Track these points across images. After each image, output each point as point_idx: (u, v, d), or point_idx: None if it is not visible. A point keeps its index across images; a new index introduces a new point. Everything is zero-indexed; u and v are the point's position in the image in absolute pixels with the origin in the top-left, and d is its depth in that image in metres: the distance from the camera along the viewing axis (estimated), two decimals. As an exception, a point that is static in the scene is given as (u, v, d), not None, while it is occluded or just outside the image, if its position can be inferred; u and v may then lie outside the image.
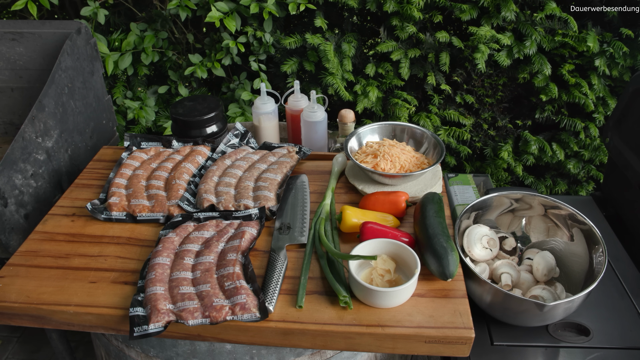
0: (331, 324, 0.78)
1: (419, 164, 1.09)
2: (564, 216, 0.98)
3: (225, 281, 0.82)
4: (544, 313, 0.83)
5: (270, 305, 0.79)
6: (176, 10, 1.65)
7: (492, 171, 1.81)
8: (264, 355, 0.89)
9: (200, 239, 0.93)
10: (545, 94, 1.64)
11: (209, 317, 0.77)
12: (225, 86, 1.90)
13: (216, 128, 1.25)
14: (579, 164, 1.77)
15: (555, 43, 1.59)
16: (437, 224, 0.89)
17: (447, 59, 1.62)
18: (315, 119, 1.25)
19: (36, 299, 0.83)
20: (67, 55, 1.27)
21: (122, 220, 1.01)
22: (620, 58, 1.56)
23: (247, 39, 1.73)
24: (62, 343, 1.30)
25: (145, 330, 0.76)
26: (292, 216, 1.01)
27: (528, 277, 0.95)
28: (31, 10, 1.49)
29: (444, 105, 1.76)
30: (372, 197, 1.01)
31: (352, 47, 1.66)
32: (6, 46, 1.38)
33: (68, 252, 0.93)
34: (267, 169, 1.10)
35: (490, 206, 1.03)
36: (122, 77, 1.93)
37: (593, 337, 0.90)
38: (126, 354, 0.97)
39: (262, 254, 0.93)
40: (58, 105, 1.23)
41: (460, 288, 0.85)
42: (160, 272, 0.84)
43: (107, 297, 0.84)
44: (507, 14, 1.54)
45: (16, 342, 1.81)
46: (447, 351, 0.78)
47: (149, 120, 1.82)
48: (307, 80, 1.83)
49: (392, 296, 0.79)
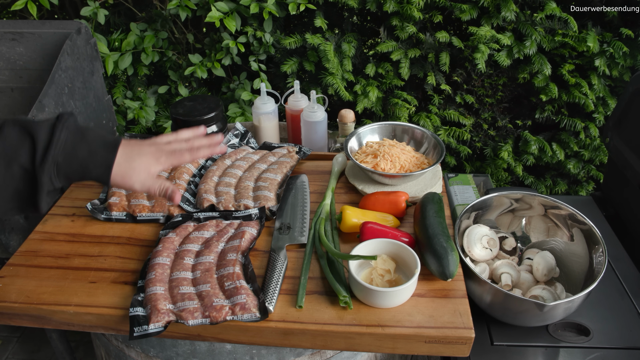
0: (331, 324, 0.78)
1: (419, 164, 1.09)
2: (564, 216, 0.98)
3: (225, 281, 0.82)
4: (544, 313, 0.83)
5: (270, 305, 0.80)
6: (176, 10, 1.65)
7: (492, 171, 1.81)
8: (264, 355, 0.89)
9: (200, 239, 0.93)
10: (545, 94, 1.64)
11: (209, 317, 0.77)
12: (225, 86, 1.90)
13: (216, 128, 1.25)
14: (579, 164, 1.77)
15: (555, 43, 1.59)
16: (437, 224, 0.89)
17: (447, 59, 1.62)
18: (315, 119, 1.25)
19: (36, 299, 0.83)
20: (67, 55, 1.27)
21: (122, 220, 1.01)
22: (620, 58, 1.56)
23: (247, 39, 1.73)
24: (62, 343, 1.30)
25: (145, 330, 0.76)
26: (292, 216, 1.01)
27: (528, 277, 0.95)
28: (31, 10, 1.49)
29: (444, 105, 1.76)
30: (372, 197, 1.01)
31: (352, 47, 1.66)
32: (6, 46, 1.38)
33: (68, 252, 0.94)
34: (267, 169, 1.10)
35: (490, 206, 1.03)
36: (122, 77, 1.93)
37: (593, 337, 0.90)
38: (126, 354, 0.97)
39: (262, 254, 0.93)
40: (58, 105, 1.23)
41: (460, 288, 0.85)
42: (160, 272, 0.84)
43: (107, 297, 0.84)
44: (507, 14, 1.54)
45: (16, 342, 1.81)
46: (447, 351, 0.78)
47: (149, 120, 1.82)
48: (307, 80, 1.83)
49: (392, 296, 0.79)
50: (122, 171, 0.79)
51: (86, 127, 0.79)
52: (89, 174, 0.77)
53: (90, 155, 0.76)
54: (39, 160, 0.72)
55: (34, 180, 0.73)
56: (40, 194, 0.74)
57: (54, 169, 0.73)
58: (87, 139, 0.77)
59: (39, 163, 0.72)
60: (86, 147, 0.76)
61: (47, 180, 0.73)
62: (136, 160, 0.80)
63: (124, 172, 0.79)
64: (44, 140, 0.73)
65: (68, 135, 0.75)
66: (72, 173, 0.76)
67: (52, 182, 0.74)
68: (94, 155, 0.77)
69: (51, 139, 0.73)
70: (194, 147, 0.86)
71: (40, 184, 0.73)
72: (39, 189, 0.74)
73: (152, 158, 0.82)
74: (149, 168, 0.82)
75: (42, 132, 0.73)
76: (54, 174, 0.74)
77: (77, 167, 0.75)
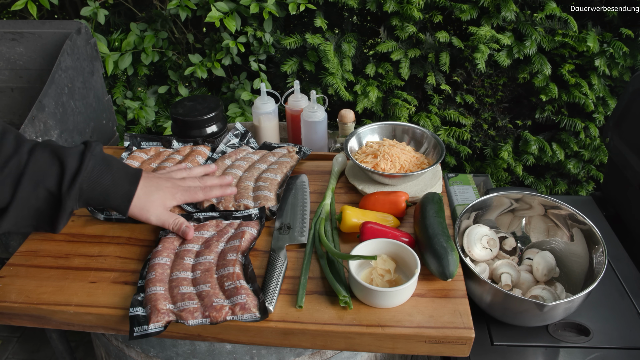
0: (331, 324, 0.78)
1: (419, 164, 1.09)
2: (564, 216, 0.98)
3: (225, 281, 0.82)
4: (544, 313, 0.83)
5: (270, 305, 0.80)
6: (176, 10, 1.65)
7: (492, 171, 1.81)
8: (264, 355, 0.89)
9: (200, 239, 0.93)
10: (545, 94, 1.64)
11: (209, 317, 0.77)
12: (225, 86, 1.90)
13: (216, 128, 1.25)
14: (579, 164, 1.77)
15: (555, 43, 1.59)
16: (437, 224, 0.89)
17: (447, 59, 1.62)
18: (315, 119, 1.25)
19: (36, 299, 0.83)
20: (67, 55, 1.27)
21: (122, 220, 1.01)
22: (620, 58, 1.56)
23: (247, 39, 1.73)
24: (62, 343, 1.30)
25: (145, 330, 0.76)
26: (292, 216, 1.01)
27: (528, 277, 0.95)
28: (31, 10, 1.49)
29: (444, 105, 1.76)
30: (372, 197, 1.01)
31: (352, 47, 1.66)
32: (6, 46, 1.38)
33: (68, 252, 0.94)
34: (267, 169, 1.10)
35: (490, 206, 1.03)
36: (122, 77, 1.93)
37: (593, 337, 0.90)
38: (126, 354, 0.97)
39: (262, 254, 0.93)
40: (58, 105, 1.23)
41: (460, 288, 0.85)
42: (160, 272, 0.84)
43: (107, 297, 0.84)
44: (507, 14, 1.54)
45: (16, 342, 1.81)
46: (447, 351, 0.78)
47: (149, 120, 1.82)
48: (307, 80, 1.83)
49: (392, 296, 0.79)
50: (141, 204, 0.83)
51: (111, 157, 0.83)
52: (109, 203, 0.82)
53: (113, 185, 0.81)
54: (66, 186, 0.76)
55: (58, 203, 0.77)
56: (61, 216, 0.78)
57: (78, 195, 0.78)
58: (112, 168, 0.81)
59: (66, 188, 0.76)
60: (110, 177, 0.80)
61: (70, 205, 0.78)
62: (154, 194, 0.85)
63: (142, 206, 0.84)
64: (73, 167, 0.77)
65: (95, 164, 0.79)
66: (93, 200, 0.80)
67: (73, 206, 0.78)
68: (116, 185, 0.81)
69: (80, 167, 0.77)
70: (207, 186, 0.93)
71: (63, 207, 0.77)
72: (61, 212, 0.78)
73: (168, 193, 0.87)
74: (165, 202, 0.87)
75: (72, 159, 0.77)
76: (77, 199, 0.78)
77: (99, 195, 0.80)
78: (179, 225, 0.88)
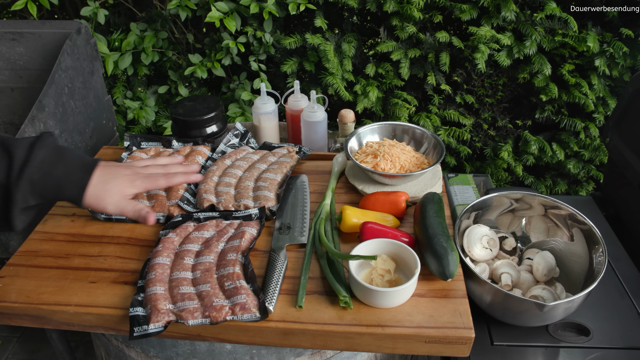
0: (331, 324, 0.78)
1: (419, 164, 1.09)
2: (564, 216, 0.98)
3: (225, 281, 0.82)
4: (544, 313, 0.83)
5: (270, 305, 0.80)
6: (176, 10, 1.65)
7: (492, 171, 1.81)
8: (264, 355, 0.89)
9: (200, 239, 0.93)
10: (545, 94, 1.64)
11: (209, 317, 0.77)
12: (225, 86, 1.90)
13: (216, 128, 1.25)
14: (579, 164, 1.77)
15: (555, 43, 1.59)
16: (437, 224, 0.89)
17: (447, 59, 1.62)
18: (315, 119, 1.25)
19: (36, 299, 0.83)
20: (67, 55, 1.27)
21: (122, 220, 1.01)
22: (620, 58, 1.56)
23: (247, 39, 1.73)
24: (62, 343, 1.30)
25: (145, 330, 0.76)
26: (292, 216, 1.01)
27: (528, 277, 0.95)
28: (31, 10, 1.49)
29: (444, 105, 1.76)
30: (372, 197, 1.01)
31: (352, 47, 1.66)
32: (6, 46, 1.38)
33: (68, 252, 0.94)
34: (267, 169, 1.10)
35: (490, 206, 1.03)
36: (122, 77, 1.93)
37: (593, 337, 0.90)
38: (126, 354, 0.97)
39: (262, 254, 0.93)
40: (58, 105, 1.23)
41: (460, 288, 0.85)
42: (160, 272, 0.84)
43: (107, 297, 0.84)
44: (507, 14, 1.54)
45: (16, 342, 1.81)
46: (447, 351, 0.78)
47: (149, 120, 1.82)
48: (307, 80, 1.83)
49: (392, 296, 0.79)
50: (96, 193, 0.79)
51: (66, 147, 0.80)
52: (63, 194, 0.78)
53: (66, 175, 0.77)
54: (14, 177, 0.73)
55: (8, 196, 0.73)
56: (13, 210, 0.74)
57: (29, 187, 0.74)
58: (65, 159, 0.77)
59: (14, 180, 0.72)
60: (63, 167, 0.77)
61: (21, 198, 0.74)
62: (111, 182, 0.81)
63: (97, 194, 0.79)
64: (21, 157, 0.73)
65: (46, 154, 0.75)
66: (46, 192, 0.76)
67: (26, 200, 0.74)
68: (69, 175, 0.77)
69: (29, 157, 0.73)
70: (170, 173, 0.88)
71: (14, 201, 0.73)
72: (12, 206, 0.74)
73: (127, 181, 0.83)
74: (124, 190, 0.82)
75: (21, 149, 0.74)
76: (29, 191, 0.74)
77: (51, 187, 0.76)
78: (139, 211, 0.83)
